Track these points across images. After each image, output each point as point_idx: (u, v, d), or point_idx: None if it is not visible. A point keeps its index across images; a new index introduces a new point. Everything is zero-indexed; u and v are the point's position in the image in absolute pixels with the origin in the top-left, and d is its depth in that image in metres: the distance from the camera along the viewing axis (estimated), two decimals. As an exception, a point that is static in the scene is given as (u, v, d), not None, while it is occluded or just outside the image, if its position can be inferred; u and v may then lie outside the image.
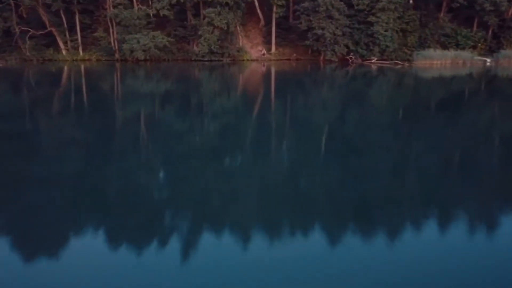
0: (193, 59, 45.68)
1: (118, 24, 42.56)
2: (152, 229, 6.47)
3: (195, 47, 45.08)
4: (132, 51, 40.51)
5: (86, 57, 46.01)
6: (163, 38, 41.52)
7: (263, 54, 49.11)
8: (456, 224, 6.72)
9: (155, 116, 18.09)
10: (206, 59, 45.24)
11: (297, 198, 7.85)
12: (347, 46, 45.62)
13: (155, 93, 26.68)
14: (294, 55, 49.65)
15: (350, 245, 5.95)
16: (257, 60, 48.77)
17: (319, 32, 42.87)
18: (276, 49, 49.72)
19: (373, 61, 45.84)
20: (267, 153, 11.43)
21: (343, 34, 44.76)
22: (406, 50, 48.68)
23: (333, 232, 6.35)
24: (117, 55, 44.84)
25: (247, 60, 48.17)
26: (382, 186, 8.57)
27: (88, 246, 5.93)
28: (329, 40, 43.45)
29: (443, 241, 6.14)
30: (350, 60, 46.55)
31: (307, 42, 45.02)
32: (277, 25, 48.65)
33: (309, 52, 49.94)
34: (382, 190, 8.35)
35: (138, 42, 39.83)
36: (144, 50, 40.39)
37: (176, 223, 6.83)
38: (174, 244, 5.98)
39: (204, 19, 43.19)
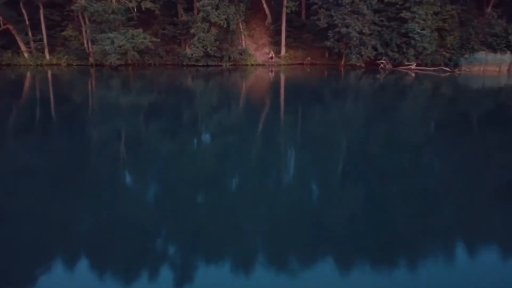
0: (185, 63, 37.11)
1: (91, 20, 33.99)
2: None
3: (187, 49, 36.47)
4: (104, 55, 31.90)
5: (54, 61, 37.39)
6: (144, 38, 32.90)
7: (271, 58, 40.51)
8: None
9: (133, 138, 13.48)
10: (201, 63, 36.68)
11: (316, 239, 6.15)
12: (374, 48, 36.98)
13: (135, 109, 19.40)
14: (309, 58, 41.05)
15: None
16: (263, 65, 40.16)
17: (343, 30, 34.26)
18: (287, 51, 41.15)
19: (412, 67, 37.08)
20: (277, 187, 8.69)
21: (370, 34, 36.17)
22: (444, 53, 40.06)
23: (351, 272, 5.35)
24: (91, 59, 36.24)
25: (252, 65, 39.58)
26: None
27: None
28: (355, 41, 34.80)
29: None
30: (381, 65, 37.81)
31: (328, 43, 36.36)
32: (287, 22, 40.06)
33: (326, 55, 41.36)
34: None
35: (113, 42, 31.26)
36: (120, 53, 31.76)
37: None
38: None
39: (198, 14, 34.59)
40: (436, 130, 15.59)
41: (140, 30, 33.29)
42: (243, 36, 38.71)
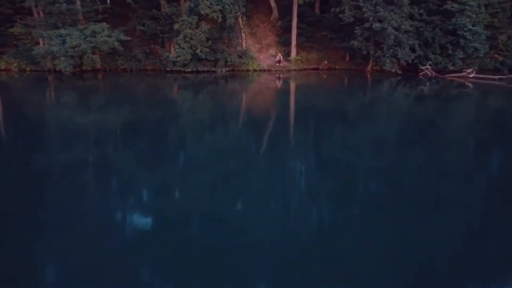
0: (169, 69, 28.96)
1: (45, 13, 25.84)
2: None
3: (171, 51, 28.32)
4: (52, 58, 23.69)
5: (3, 66, 29.20)
6: (109, 36, 24.68)
7: (278, 62, 32.34)
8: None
9: (96, 171, 9.53)
10: (189, 69, 28.55)
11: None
12: (412, 49, 28.78)
13: (98, 131, 13.92)
14: (325, 62, 32.88)
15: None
16: (269, 70, 31.99)
17: (376, 26, 26.11)
18: (298, 53, 32.98)
19: (471, 75, 28.71)
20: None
21: (406, 31, 27.96)
22: (496, 56, 31.89)
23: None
24: (49, 64, 27.96)
25: (254, 70, 31.42)
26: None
27: None
28: (391, 40, 26.61)
29: None
30: (422, 72, 29.51)
31: (355, 43, 28.16)
32: (299, 17, 31.94)
33: (347, 58, 33.16)
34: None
35: (64, 42, 23.10)
36: (72, 57, 23.56)
37: None
38: None
39: (185, 2, 26.44)
40: None
41: (104, 25, 25.06)
42: (243, 34, 30.54)
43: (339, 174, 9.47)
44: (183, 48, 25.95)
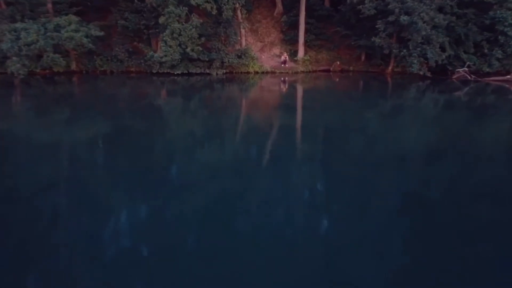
0: (155, 71, 24.59)
1: (7, 2, 21.49)
2: None
3: (158, 50, 23.93)
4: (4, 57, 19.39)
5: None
6: (76, 31, 20.28)
7: (283, 62, 27.98)
8: None
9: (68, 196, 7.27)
10: (179, 71, 24.23)
11: None
12: (442, 48, 24.33)
13: (56, 153, 10.40)
14: (338, 63, 28.49)
15: None
16: (272, 72, 27.63)
17: (404, 19, 21.70)
18: (306, 53, 28.63)
19: None
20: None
21: (435, 26, 23.51)
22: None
23: None
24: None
25: (255, 72, 27.06)
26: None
27: None
28: (420, 36, 22.17)
29: None
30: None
31: (377, 40, 23.71)
32: (307, 11, 27.58)
33: (362, 58, 28.79)
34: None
35: (17, 38, 18.73)
36: (29, 57, 19.18)
37: None
38: None
39: (172, -7, 22.11)
40: None
41: (72, 17, 20.67)
42: (242, 31, 26.19)
43: (366, 211, 5.24)
44: (170, 46, 21.57)
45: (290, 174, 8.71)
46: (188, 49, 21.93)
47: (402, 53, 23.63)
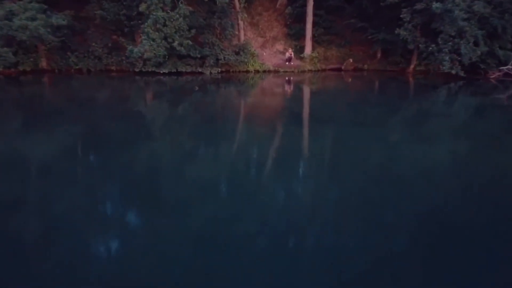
0: (138, 70, 20.97)
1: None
2: None
3: (139, 45, 20.22)
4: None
5: None
6: (33, 19, 16.57)
7: (288, 60, 24.32)
8: None
9: None
10: (165, 70, 20.62)
11: None
12: (475, 43, 20.56)
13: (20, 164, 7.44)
14: (350, 60, 24.82)
15: None
16: (275, 71, 23.98)
17: (437, 7, 18.04)
18: (314, 49, 24.97)
19: None
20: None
21: (468, 18, 19.82)
22: None
23: None
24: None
25: (256, 71, 23.43)
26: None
27: None
28: (456, 29, 18.49)
29: None
30: (490, 74, 21.31)
31: (402, 33, 20.00)
32: (315, 1, 23.91)
33: (378, 55, 25.16)
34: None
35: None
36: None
37: None
38: None
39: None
40: None
41: (32, 4, 16.97)
42: (241, 22, 22.56)
43: None
44: (153, 40, 17.93)
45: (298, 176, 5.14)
46: (175, 44, 18.30)
47: (431, 48, 19.89)
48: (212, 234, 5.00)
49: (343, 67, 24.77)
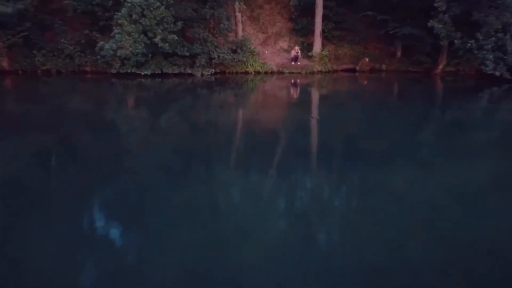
0: (115, 71, 17.52)
1: None
2: None
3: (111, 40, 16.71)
4: None
5: None
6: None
7: (294, 59, 20.84)
8: None
9: None
10: (148, 71, 17.19)
11: None
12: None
13: None
14: (366, 60, 21.36)
15: None
16: (280, 72, 20.53)
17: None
18: (324, 46, 21.53)
19: None
20: None
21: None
22: None
23: None
24: None
25: (256, 72, 20.00)
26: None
27: None
28: (506, 21, 15.03)
29: None
30: None
31: (437, 25, 16.39)
32: (326, -10, 20.53)
33: (398, 54, 21.72)
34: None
35: None
36: None
37: None
38: None
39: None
40: None
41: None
42: (238, 15, 19.16)
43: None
44: (128, 34, 14.48)
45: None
46: (157, 39, 14.85)
47: (469, 45, 16.36)
48: None
49: (358, 68, 21.32)
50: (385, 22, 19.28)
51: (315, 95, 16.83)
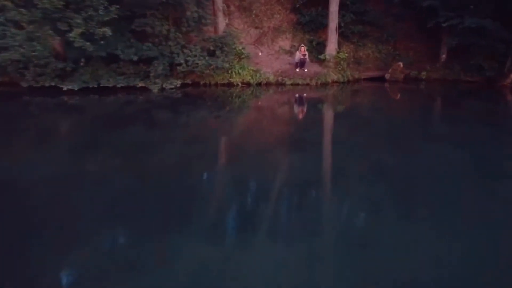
0: (26, 85, 11.54)
1: None
2: None
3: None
4: None
5: None
6: None
7: (299, 65, 14.76)
8: None
9: None
10: (76, 86, 11.24)
11: None
12: None
13: None
14: (401, 65, 15.35)
15: None
16: (279, 84, 14.49)
17: None
18: (341, 47, 15.54)
19: None
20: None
21: None
22: None
23: None
24: None
25: (244, 84, 13.97)
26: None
27: None
28: None
29: None
30: None
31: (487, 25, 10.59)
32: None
33: (443, 57, 15.72)
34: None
35: None
36: None
37: None
38: None
39: None
40: None
41: None
42: (218, 2, 13.20)
43: None
44: (14, 25, 8.46)
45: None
46: (73, 34, 8.86)
47: None
48: None
49: (387, 76, 15.32)
50: (432, 11, 13.24)
51: (327, 115, 10.82)
